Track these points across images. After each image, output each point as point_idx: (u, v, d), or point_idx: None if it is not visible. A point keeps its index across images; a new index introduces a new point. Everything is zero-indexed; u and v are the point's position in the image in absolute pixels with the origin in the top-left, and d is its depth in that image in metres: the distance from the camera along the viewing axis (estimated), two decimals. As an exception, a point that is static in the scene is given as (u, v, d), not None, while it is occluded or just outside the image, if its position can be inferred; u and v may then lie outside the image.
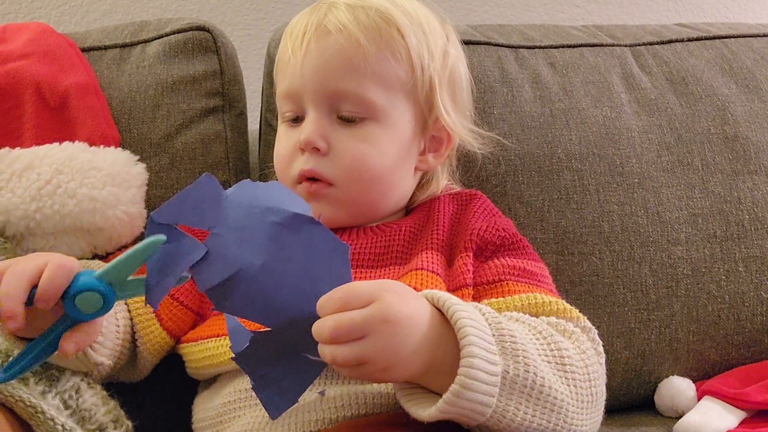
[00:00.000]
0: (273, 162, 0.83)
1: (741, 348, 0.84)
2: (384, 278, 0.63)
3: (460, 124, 0.69)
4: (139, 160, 0.75)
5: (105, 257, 0.73)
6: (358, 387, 0.56)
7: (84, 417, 0.54)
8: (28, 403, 0.49)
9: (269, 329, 0.49)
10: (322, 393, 0.56)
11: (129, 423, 0.58)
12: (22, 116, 0.73)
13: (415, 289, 0.55)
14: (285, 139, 0.68)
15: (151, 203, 0.76)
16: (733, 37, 0.95)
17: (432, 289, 0.56)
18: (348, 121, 0.65)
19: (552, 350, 0.53)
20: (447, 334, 0.50)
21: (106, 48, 0.83)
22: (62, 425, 0.50)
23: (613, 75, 0.88)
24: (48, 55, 0.76)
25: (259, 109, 0.90)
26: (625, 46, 0.92)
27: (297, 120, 0.67)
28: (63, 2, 1.08)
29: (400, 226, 0.68)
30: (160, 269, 0.47)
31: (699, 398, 0.79)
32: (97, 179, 0.70)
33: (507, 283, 0.62)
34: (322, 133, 0.64)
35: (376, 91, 0.64)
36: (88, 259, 0.72)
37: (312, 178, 0.65)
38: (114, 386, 0.63)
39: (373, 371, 0.48)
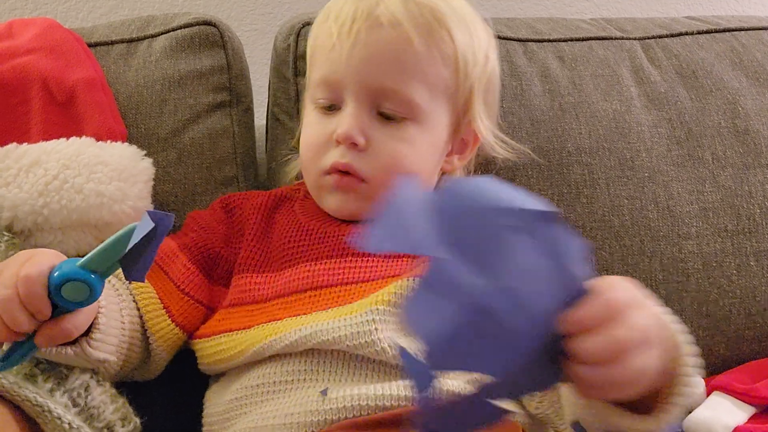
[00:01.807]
0: (280, 158, 0.84)
1: (752, 343, 0.83)
2: (397, 268, 0.62)
3: (489, 129, 0.69)
4: (146, 155, 0.75)
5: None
6: (361, 388, 0.55)
7: (92, 415, 0.54)
8: (34, 403, 0.49)
9: (488, 383, 0.36)
10: (324, 392, 0.55)
11: (137, 420, 0.58)
12: (29, 112, 0.73)
13: None
14: (317, 126, 0.66)
15: (158, 198, 0.76)
16: (744, 29, 0.94)
17: None
18: (388, 118, 0.63)
19: None
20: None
21: (112, 43, 0.83)
22: (69, 423, 0.50)
23: (622, 68, 0.87)
24: (55, 50, 0.76)
25: (266, 105, 0.89)
26: (635, 39, 0.91)
27: (331, 108, 0.65)
28: (68, -2, 1.08)
29: None
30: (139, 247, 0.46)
31: (708, 394, 0.78)
32: (104, 174, 0.70)
33: None
34: (362, 128, 0.63)
35: (421, 93, 0.63)
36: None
37: (345, 172, 0.64)
38: (123, 383, 0.63)
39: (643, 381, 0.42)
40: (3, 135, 0.71)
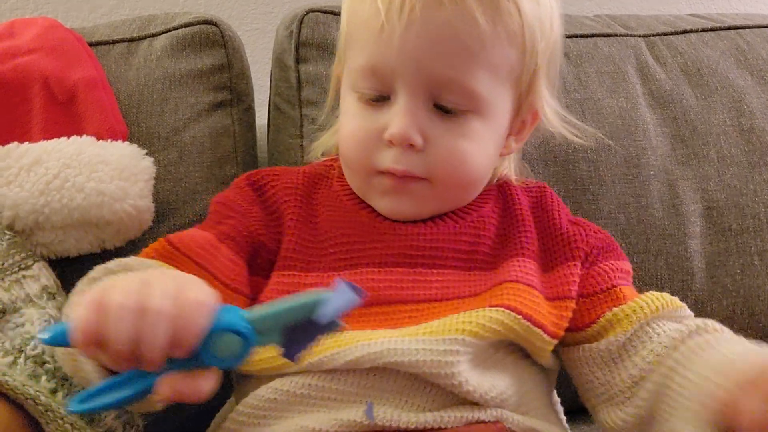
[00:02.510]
0: (282, 148, 0.83)
1: (755, 342, 0.82)
2: (473, 287, 0.57)
3: (552, 109, 0.61)
4: (147, 154, 0.75)
5: (113, 251, 0.72)
6: (410, 412, 0.52)
7: (94, 418, 0.53)
8: (38, 402, 0.48)
9: None
10: (369, 413, 0.51)
11: (140, 423, 0.58)
12: (30, 111, 0.73)
13: (516, 310, 0.53)
14: (363, 121, 0.57)
15: (158, 197, 0.75)
16: (748, 27, 0.93)
17: (534, 306, 0.54)
18: (446, 111, 0.56)
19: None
20: None
21: (114, 42, 0.82)
22: (72, 424, 0.49)
23: (627, 65, 0.87)
24: (56, 49, 0.76)
25: (267, 104, 0.89)
26: (639, 36, 0.90)
27: (378, 99, 0.57)
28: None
29: (481, 214, 0.61)
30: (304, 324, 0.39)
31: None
32: (104, 173, 0.70)
33: (620, 289, 0.58)
34: (419, 126, 0.55)
35: (484, 81, 0.55)
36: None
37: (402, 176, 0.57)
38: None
39: None
40: (4, 134, 0.71)
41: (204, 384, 0.40)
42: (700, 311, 0.80)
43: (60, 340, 0.40)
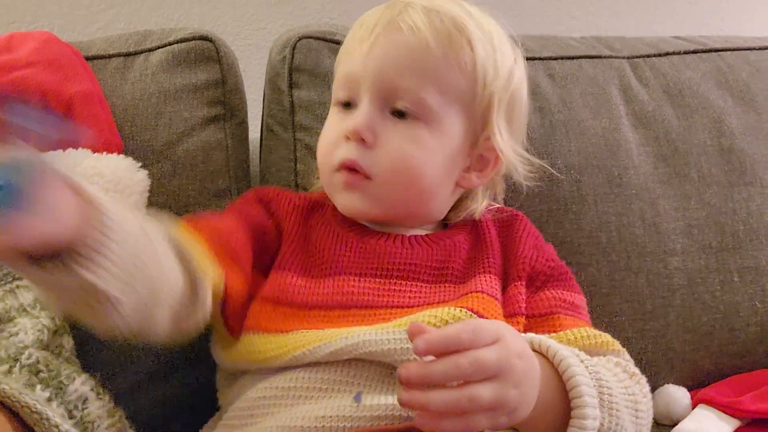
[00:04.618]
0: (274, 169, 0.85)
1: (735, 358, 0.84)
2: (441, 296, 0.63)
3: (510, 148, 0.67)
4: (141, 166, 0.76)
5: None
6: (393, 396, 0.55)
7: (87, 428, 0.54)
8: (33, 410, 0.49)
9: None
10: (357, 398, 0.55)
11: None
12: (26, 123, 0.74)
13: (476, 312, 0.58)
14: (333, 124, 0.67)
15: (152, 209, 0.76)
16: (729, 50, 0.96)
17: (493, 313, 0.59)
18: (400, 116, 0.64)
19: (630, 400, 0.56)
20: (553, 380, 0.53)
21: (110, 57, 0.84)
22: None
23: (611, 87, 0.89)
24: (53, 63, 0.77)
25: (260, 118, 0.91)
26: (624, 58, 0.93)
27: (348, 106, 0.66)
28: (67, 11, 1.09)
29: (453, 240, 0.67)
30: None
31: (694, 406, 0.80)
32: (99, 185, 0.71)
33: (558, 317, 0.63)
34: (371, 125, 0.63)
35: (434, 95, 0.63)
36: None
37: (352, 169, 0.64)
38: (118, 396, 0.62)
39: (502, 414, 0.48)
40: None
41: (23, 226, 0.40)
42: (681, 327, 0.83)
43: None
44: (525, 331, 0.62)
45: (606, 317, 0.81)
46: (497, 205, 0.72)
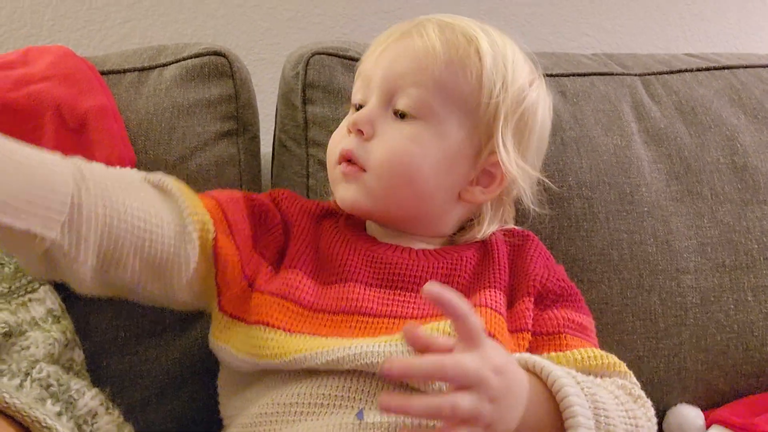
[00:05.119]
0: (286, 184, 0.85)
1: (750, 378, 0.83)
2: None
3: (517, 166, 0.66)
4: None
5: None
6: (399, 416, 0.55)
7: None
8: (44, 424, 0.49)
9: None
10: (360, 416, 0.55)
11: None
12: (42, 137, 0.75)
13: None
14: (343, 122, 0.69)
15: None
16: (742, 67, 0.96)
17: (498, 329, 0.58)
18: (401, 116, 0.65)
19: (629, 423, 0.56)
20: (546, 401, 0.53)
21: (124, 71, 0.84)
22: None
23: (623, 104, 0.89)
24: (69, 78, 0.78)
25: (272, 133, 0.91)
26: (635, 75, 0.92)
27: (361, 107, 0.68)
28: (82, 26, 1.10)
29: (461, 255, 0.67)
30: None
31: (708, 427, 0.79)
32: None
33: (565, 336, 0.63)
34: (371, 118, 0.65)
35: (435, 97, 0.65)
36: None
37: (350, 161, 0.65)
38: (128, 412, 0.63)
39: (477, 428, 0.49)
40: None
41: None
42: (694, 346, 0.82)
43: None
44: (530, 349, 0.62)
45: (618, 335, 0.80)
46: (509, 226, 0.72)
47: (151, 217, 0.57)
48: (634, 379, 0.62)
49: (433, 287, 0.49)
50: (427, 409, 0.47)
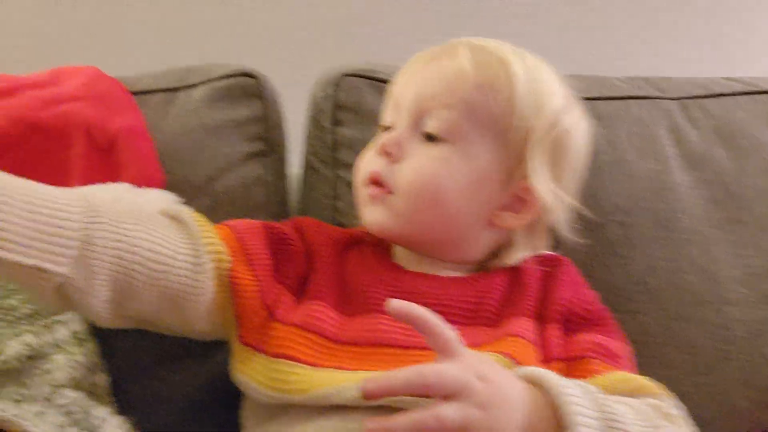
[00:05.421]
0: (314, 206, 0.84)
1: (800, 416, 0.79)
2: (475, 338, 0.60)
3: (550, 191, 0.65)
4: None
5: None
6: None
7: None
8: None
9: None
10: None
11: None
12: (71, 157, 0.75)
13: (511, 356, 0.56)
14: (371, 145, 0.69)
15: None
16: (783, 91, 0.93)
17: (529, 359, 0.57)
18: (430, 139, 0.64)
19: None
20: (550, 411, 0.50)
21: (153, 92, 0.84)
22: None
23: (659, 128, 0.86)
24: (99, 98, 0.78)
25: (299, 154, 0.90)
26: (672, 99, 0.90)
27: (390, 130, 0.68)
28: (108, 47, 1.11)
29: (490, 281, 0.66)
30: None
31: (754, 469, 0.75)
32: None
33: (589, 362, 0.61)
34: (400, 140, 0.65)
35: (464, 119, 0.64)
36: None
37: (377, 183, 0.65)
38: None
39: None
40: (45, 178, 0.71)
41: None
42: (741, 382, 0.78)
43: None
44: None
45: (659, 369, 0.75)
46: (542, 252, 0.70)
47: (165, 249, 0.57)
48: (671, 401, 0.59)
49: (396, 303, 0.49)
50: (412, 425, 0.46)
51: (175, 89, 0.84)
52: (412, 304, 0.50)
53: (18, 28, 1.09)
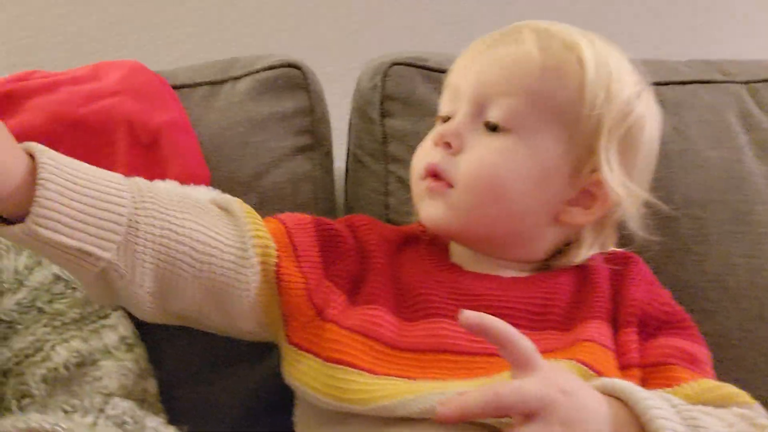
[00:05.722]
0: (363, 202, 0.80)
1: None
2: (545, 344, 0.56)
3: (622, 185, 0.60)
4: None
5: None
6: None
7: None
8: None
9: None
10: None
11: None
12: (113, 153, 0.72)
13: (589, 365, 0.52)
14: (429, 135, 0.65)
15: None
16: None
17: (609, 367, 0.53)
18: (492, 129, 0.61)
19: None
20: (635, 427, 0.48)
21: (196, 85, 0.81)
22: None
23: (729, 114, 0.81)
24: (140, 92, 0.76)
25: (344, 148, 0.87)
26: (740, 83, 0.85)
27: (448, 120, 0.64)
28: (148, 40, 1.09)
29: (556, 282, 0.62)
30: None
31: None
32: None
33: (673, 368, 0.57)
34: (459, 131, 0.61)
35: (529, 108, 0.60)
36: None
37: (436, 176, 0.61)
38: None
39: None
40: None
41: None
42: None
43: None
44: (640, 385, 0.55)
45: (737, 373, 0.71)
46: (610, 249, 0.66)
47: (211, 240, 0.55)
48: (762, 409, 0.55)
49: (468, 315, 0.47)
50: None
51: (219, 82, 0.81)
52: (485, 315, 0.47)
53: (57, 24, 1.07)
